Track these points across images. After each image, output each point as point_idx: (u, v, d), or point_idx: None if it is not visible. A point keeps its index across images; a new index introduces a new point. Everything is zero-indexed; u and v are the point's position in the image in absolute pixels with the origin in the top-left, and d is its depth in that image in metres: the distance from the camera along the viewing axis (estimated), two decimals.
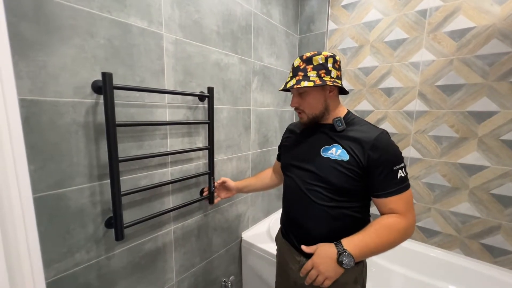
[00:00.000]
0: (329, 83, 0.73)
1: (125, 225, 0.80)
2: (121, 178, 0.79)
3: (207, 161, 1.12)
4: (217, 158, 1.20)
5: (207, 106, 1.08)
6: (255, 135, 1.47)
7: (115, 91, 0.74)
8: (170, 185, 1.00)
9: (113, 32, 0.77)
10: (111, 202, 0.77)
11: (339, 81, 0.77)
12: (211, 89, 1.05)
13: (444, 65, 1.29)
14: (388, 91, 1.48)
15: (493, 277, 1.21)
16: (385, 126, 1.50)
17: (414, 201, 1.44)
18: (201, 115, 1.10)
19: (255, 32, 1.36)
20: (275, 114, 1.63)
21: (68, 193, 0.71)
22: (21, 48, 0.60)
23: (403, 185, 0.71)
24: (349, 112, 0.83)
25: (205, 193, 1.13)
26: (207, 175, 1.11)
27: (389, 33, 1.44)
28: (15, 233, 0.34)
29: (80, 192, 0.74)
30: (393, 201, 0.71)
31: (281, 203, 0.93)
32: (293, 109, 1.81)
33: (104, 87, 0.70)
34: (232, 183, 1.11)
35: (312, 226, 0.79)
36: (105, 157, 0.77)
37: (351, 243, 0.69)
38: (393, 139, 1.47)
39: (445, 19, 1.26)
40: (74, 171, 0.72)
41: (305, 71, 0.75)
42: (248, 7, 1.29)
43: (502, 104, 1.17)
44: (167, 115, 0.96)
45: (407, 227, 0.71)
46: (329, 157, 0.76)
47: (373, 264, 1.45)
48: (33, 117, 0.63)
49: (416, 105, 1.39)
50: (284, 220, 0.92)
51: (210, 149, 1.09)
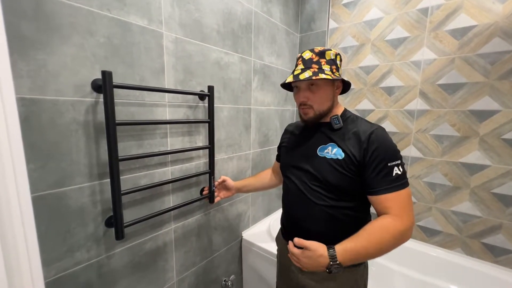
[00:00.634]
0: (344, 79, 0.77)
1: (125, 224, 0.80)
2: (121, 177, 0.79)
3: (208, 160, 1.12)
4: (217, 157, 1.20)
5: (207, 105, 1.07)
6: (256, 134, 1.47)
7: (115, 90, 0.73)
8: (170, 184, 1.00)
9: (113, 30, 0.76)
10: (111, 201, 0.77)
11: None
12: (211, 88, 1.05)
13: (445, 64, 1.28)
14: (389, 90, 1.47)
15: (494, 277, 1.21)
16: (386, 125, 1.49)
17: (414, 200, 1.44)
18: (201, 114, 1.10)
19: (256, 30, 1.36)
20: (275, 113, 1.62)
21: (68, 192, 0.71)
22: (21, 47, 0.60)
23: (399, 183, 0.68)
24: (346, 110, 0.83)
25: (205, 192, 1.13)
26: (208, 174, 1.11)
27: (390, 31, 1.43)
28: (13, 233, 0.34)
29: (80, 191, 0.74)
30: (388, 200, 0.68)
31: (281, 202, 0.92)
32: (294, 108, 1.81)
33: (104, 85, 0.69)
34: (231, 183, 1.11)
35: (312, 226, 0.79)
36: (105, 156, 0.77)
37: (343, 252, 0.65)
38: (394, 138, 1.48)
39: (447, 18, 1.26)
40: (74, 170, 0.72)
41: (319, 64, 0.75)
42: (248, 6, 1.28)
43: (503, 103, 1.16)
44: (167, 114, 0.96)
45: (403, 231, 0.65)
46: (325, 157, 0.76)
47: (374, 263, 1.44)
48: (33, 116, 0.63)
49: (417, 104, 1.39)
50: (284, 220, 0.92)
51: (210, 148, 1.09)
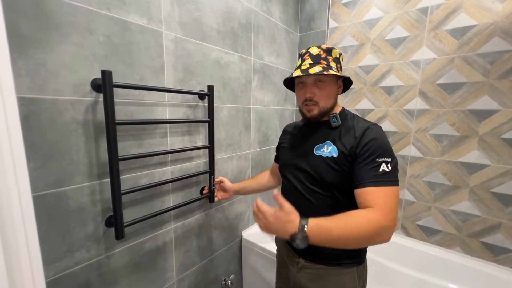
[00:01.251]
0: (349, 77, 0.79)
1: (125, 224, 0.80)
2: (121, 176, 0.78)
3: (207, 159, 1.12)
4: (217, 156, 1.20)
5: (207, 104, 1.07)
6: (255, 133, 1.47)
7: (115, 89, 0.73)
8: (170, 184, 1.00)
9: (112, 29, 0.76)
10: (111, 200, 0.77)
11: None
12: (211, 88, 1.04)
13: (445, 63, 1.28)
14: (388, 90, 1.47)
15: (493, 276, 1.21)
16: (386, 124, 1.49)
17: (414, 199, 1.44)
18: (201, 114, 1.10)
19: (255, 30, 1.35)
20: (275, 112, 1.62)
21: (68, 192, 0.71)
22: (20, 45, 0.60)
23: (385, 179, 0.65)
24: (344, 109, 0.84)
25: (205, 192, 1.13)
26: (207, 174, 1.11)
27: (390, 31, 1.43)
28: (14, 233, 0.34)
29: (80, 190, 0.73)
30: (371, 193, 0.64)
31: None
32: (293, 107, 1.81)
33: (103, 85, 0.69)
34: (229, 184, 1.11)
35: None
36: (105, 155, 0.76)
37: (315, 226, 0.60)
38: (393, 137, 1.48)
39: (447, 17, 1.26)
40: (74, 170, 0.71)
41: (327, 60, 0.75)
42: (248, 5, 1.28)
43: (503, 102, 1.17)
44: (167, 114, 0.95)
45: (384, 226, 0.60)
46: (321, 155, 0.76)
47: (373, 262, 1.45)
48: (33, 115, 0.63)
49: (416, 103, 1.39)
50: None
51: (210, 147, 1.09)
